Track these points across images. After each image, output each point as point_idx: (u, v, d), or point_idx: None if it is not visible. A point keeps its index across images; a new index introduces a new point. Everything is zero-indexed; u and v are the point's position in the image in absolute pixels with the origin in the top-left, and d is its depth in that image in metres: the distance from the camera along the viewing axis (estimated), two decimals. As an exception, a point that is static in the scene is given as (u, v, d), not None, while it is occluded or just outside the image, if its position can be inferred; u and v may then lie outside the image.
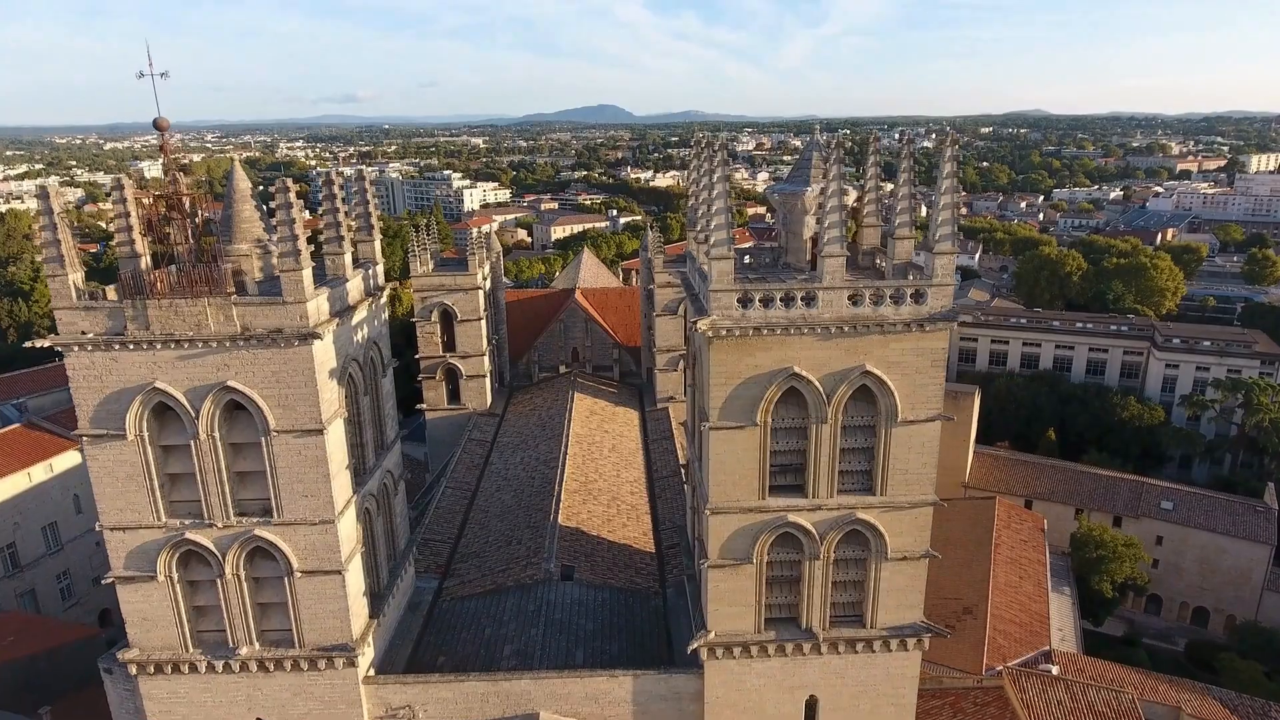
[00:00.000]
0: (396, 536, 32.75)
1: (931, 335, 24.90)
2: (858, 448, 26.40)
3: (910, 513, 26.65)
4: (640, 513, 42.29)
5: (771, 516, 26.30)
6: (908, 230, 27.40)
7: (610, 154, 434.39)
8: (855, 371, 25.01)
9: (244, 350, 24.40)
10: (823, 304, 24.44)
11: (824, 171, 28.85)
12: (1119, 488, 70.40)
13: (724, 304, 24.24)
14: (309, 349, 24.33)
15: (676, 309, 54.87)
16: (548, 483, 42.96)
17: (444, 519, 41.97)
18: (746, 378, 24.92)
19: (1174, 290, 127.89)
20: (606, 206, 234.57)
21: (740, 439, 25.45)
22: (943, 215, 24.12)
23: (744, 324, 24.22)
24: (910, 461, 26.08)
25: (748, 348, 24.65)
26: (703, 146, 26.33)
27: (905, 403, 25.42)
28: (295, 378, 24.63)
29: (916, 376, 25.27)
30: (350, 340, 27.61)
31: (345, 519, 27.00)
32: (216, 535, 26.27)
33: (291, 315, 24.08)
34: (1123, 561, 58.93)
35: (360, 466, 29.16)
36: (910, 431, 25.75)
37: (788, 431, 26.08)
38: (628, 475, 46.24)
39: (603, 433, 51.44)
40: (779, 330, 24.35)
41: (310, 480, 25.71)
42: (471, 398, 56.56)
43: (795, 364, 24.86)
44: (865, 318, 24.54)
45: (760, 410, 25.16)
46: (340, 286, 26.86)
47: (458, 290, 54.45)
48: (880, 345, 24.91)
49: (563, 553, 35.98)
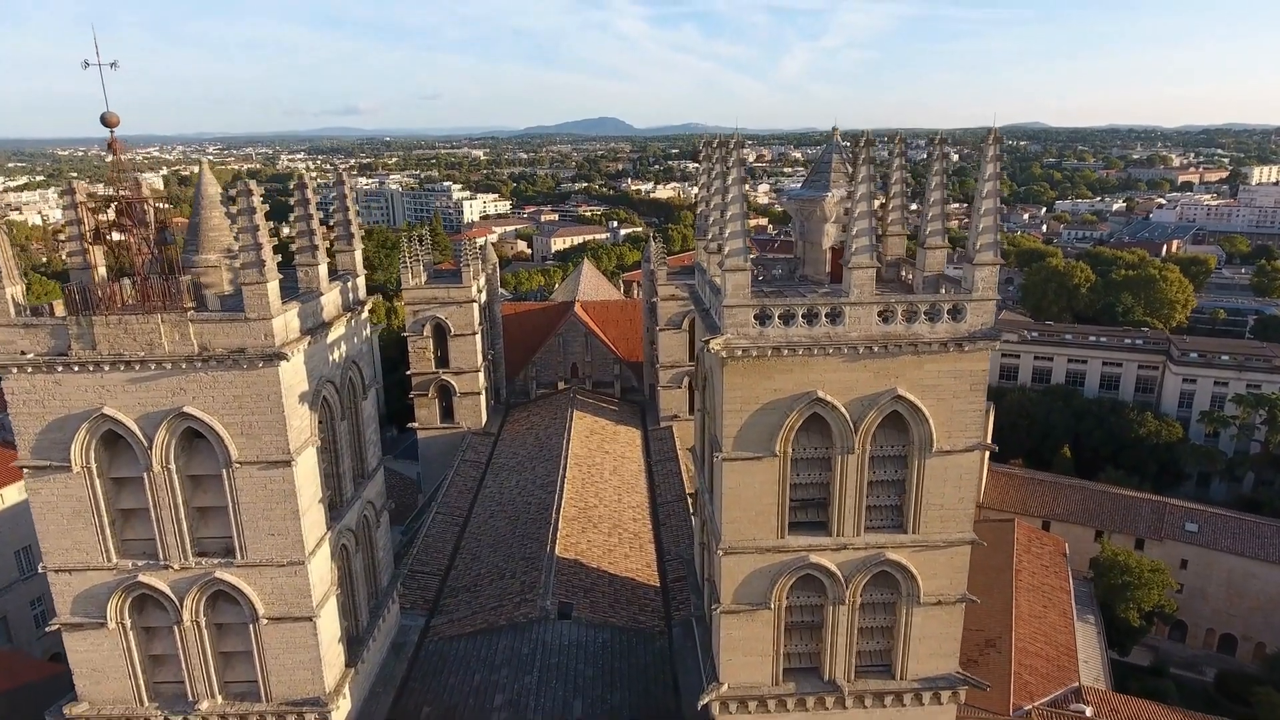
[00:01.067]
0: (379, 573, 30.03)
1: (971, 356, 22.31)
2: (887, 480, 23.75)
3: (945, 552, 23.97)
4: (643, 541, 39.58)
5: (791, 557, 23.62)
6: (939, 239, 24.96)
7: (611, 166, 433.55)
8: (886, 396, 22.42)
9: (202, 372, 21.81)
10: (850, 321, 21.87)
11: (847, 174, 26.53)
12: (1140, 508, 67.62)
13: (739, 321, 21.67)
14: (275, 371, 21.75)
15: (680, 323, 52.38)
16: (545, 509, 40.29)
17: (433, 549, 39.24)
18: (764, 403, 22.31)
19: (1184, 302, 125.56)
20: (607, 218, 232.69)
21: (757, 471, 22.82)
22: (984, 222, 21.59)
23: (762, 343, 21.65)
24: (946, 495, 23.43)
25: (766, 370, 22.06)
26: (714, 148, 23.91)
27: (941, 431, 22.80)
28: (260, 403, 22.03)
29: (954, 401, 22.66)
30: (325, 360, 25.02)
31: (318, 559, 24.31)
32: (173, 578, 23.59)
33: (255, 333, 21.50)
34: (1150, 589, 56.08)
35: (337, 498, 26.50)
36: (946, 463, 23.12)
37: (810, 462, 23.44)
38: (630, 500, 43.55)
39: (603, 454, 48.78)
40: (801, 350, 21.77)
41: (277, 517, 23.05)
42: (465, 416, 53.95)
43: (819, 388, 22.26)
44: (897, 336, 21.97)
45: (779, 439, 22.53)
46: (313, 301, 24.29)
47: (451, 303, 51.96)
48: (914, 367, 22.32)
49: (560, 587, 33.26)
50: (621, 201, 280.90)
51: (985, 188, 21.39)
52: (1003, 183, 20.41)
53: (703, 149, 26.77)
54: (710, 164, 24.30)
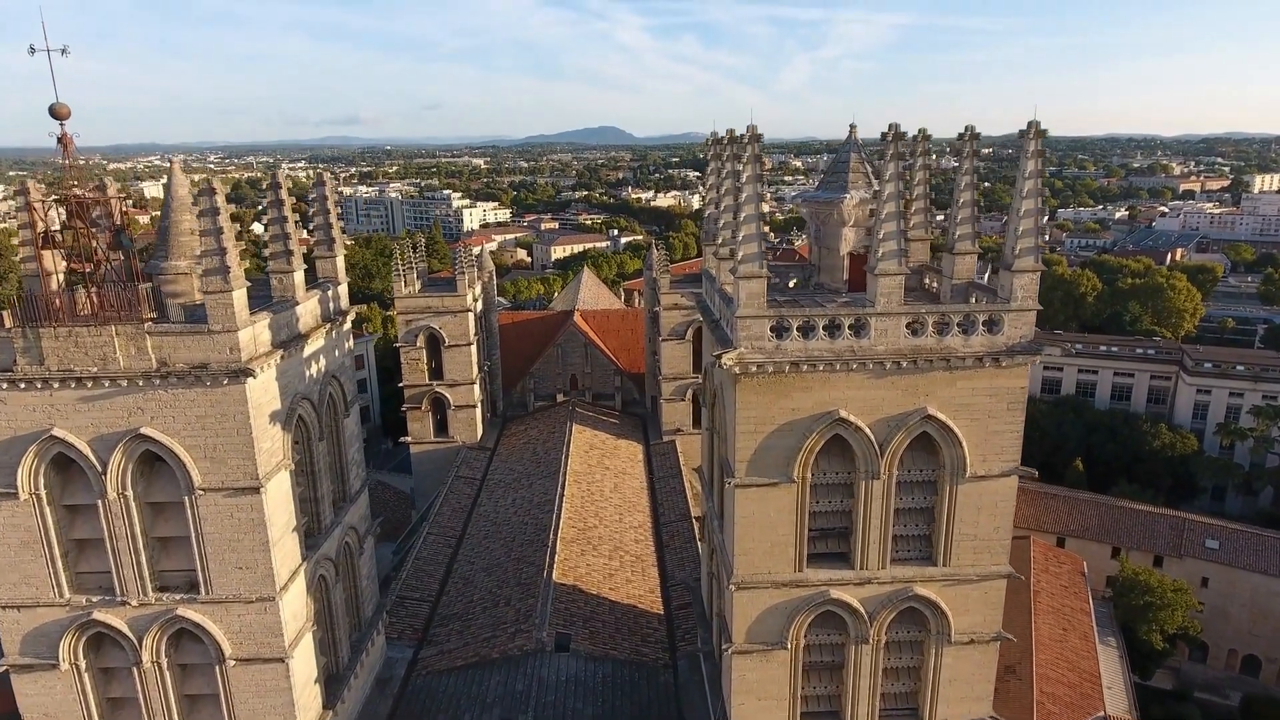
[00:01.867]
0: (362, 603, 27.91)
1: (1009, 372, 20.28)
2: (915, 508, 21.68)
3: (979, 587, 21.87)
4: (646, 565, 37.43)
5: (811, 592, 21.52)
6: (969, 244, 22.94)
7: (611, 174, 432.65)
8: (915, 416, 20.36)
9: (161, 390, 19.78)
10: (876, 333, 19.85)
11: (866, 175, 24.62)
12: (1159, 524, 65.35)
13: (754, 333, 19.66)
14: (241, 388, 19.72)
15: (684, 333, 50.35)
16: (542, 530, 38.16)
17: (423, 572, 37.08)
18: (781, 424, 20.26)
19: (1192, 311, 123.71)
20: (607, 226, 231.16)
21: (773, 498, 20.74)
22: (1023, 225, 19.61)
23: (779, 358, 19.63)
24: (980, 525, 21.35)
25: (783, 387, 20.03)
26: (727, 142, 21.95)
27: (975, 454, 20.74)
28: (225, 424, 20.00)
29: (989, 422, 20.62)
30: (301, 375, 22.99)
31: (291, 593, 22.21)
32: (131, 615, 21.51)
33: (219, 347, 19.49)
34: (1173, 610, 53.80)
35: (314, 525, 24.42)
36: (980, 489, 21.05)
37: (831, 488, 21.36)
38: (631, 520, 41.42)
39: (603, 470, 46.67)
40: (822, 366, 19.74)
41: (245, 548, 20.98)
42: (460, 430, 51.85)
43: (841, 407, 20.22)
44: (928, 350, 19.94)
45: (798, 464, 20.47)
46: (287, 311, 22.28)
47: (445, 312, 49.94)
48: (945, 384, 20.29)
49: (557, 616, 31.10)
50: (622, 210, 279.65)
51: (1025, 186, 19.40)
52: (1001, 190, 18.61)
53: (711, 146, 24.82)
54: (720, 161, 22.34)
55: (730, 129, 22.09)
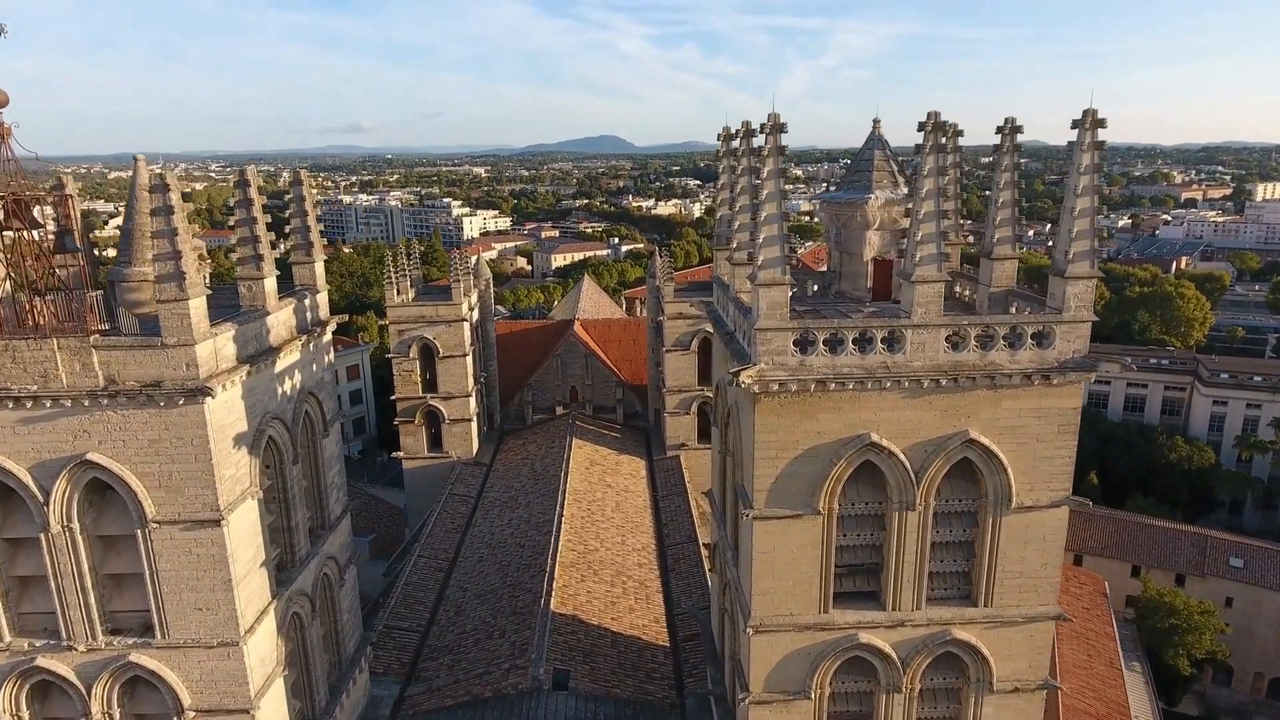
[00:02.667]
0: (343, 639, 25.65)
1: (1060, 390, 18.14)
2: (954, 542, 19.49)
3: (1023, 630, 19.66)
4: (650, 591, 35.15)
5: (837, 636, 19.30)
6: (1009, 247, 20.88)
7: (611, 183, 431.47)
8: (955, 440, 18.20)
9: (110, 411, 17.64)
10: (912, 347, 17.71)
11: (891, 174, 22.53)
12: (1180, 541, 63.03)
13: (776, 347, 17.51)
14: (199, 409, 17.57)
15: (689, 343, 48.20)
16: (539, 552, 35.92)
17: (413, 599, 34.79)
18: (805, 449, 18.10)
19: (1202, 320, 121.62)
20: (608, 234, 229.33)
21: (795, 532, 18.56)
22: (1078, 226, 17.49)
23: (803, 375, 17.47)
24: (1026, 561, 19.15)
25: (807, 408, 17.87)
26: (742, 136, 19.88)
27: (1021, 482, 18.58)
28: (181, 448, 17.84)
29: (1037, 446, 18.47)
30: (272, 393, 20.83)
31: (259, 636, 19.99)
32: (79, 661, 19.28)
33: (174, 362, 17.35)
34: (1201, 632, 51.45)
35: (287, 557, 22.20)
36: (1027, 521, 18.88)
37: (859, 520, 19.18)
38: (634, 541, 39.17)
39: (605, 487, 44.44)
40: (851, 384, 17.59)
41: (205, 587, 18.77)
42: (455, 445, 49.64)
43: (873, 430, 18.06)
44: (970, 366, 17.79)
45: (823, 493, 18.30)
46: (256, 321, 20.13)
47: (440, 322, 47.82)
48: (989, 404, 18.14)
49: (555, 650, 28.82)
50: (623, 218, 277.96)
51: (1079, 183, 17.30)
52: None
53: (724, 141, 22.73)
54: (735, 157, 20.24)
55: (745, 121, 20.03)
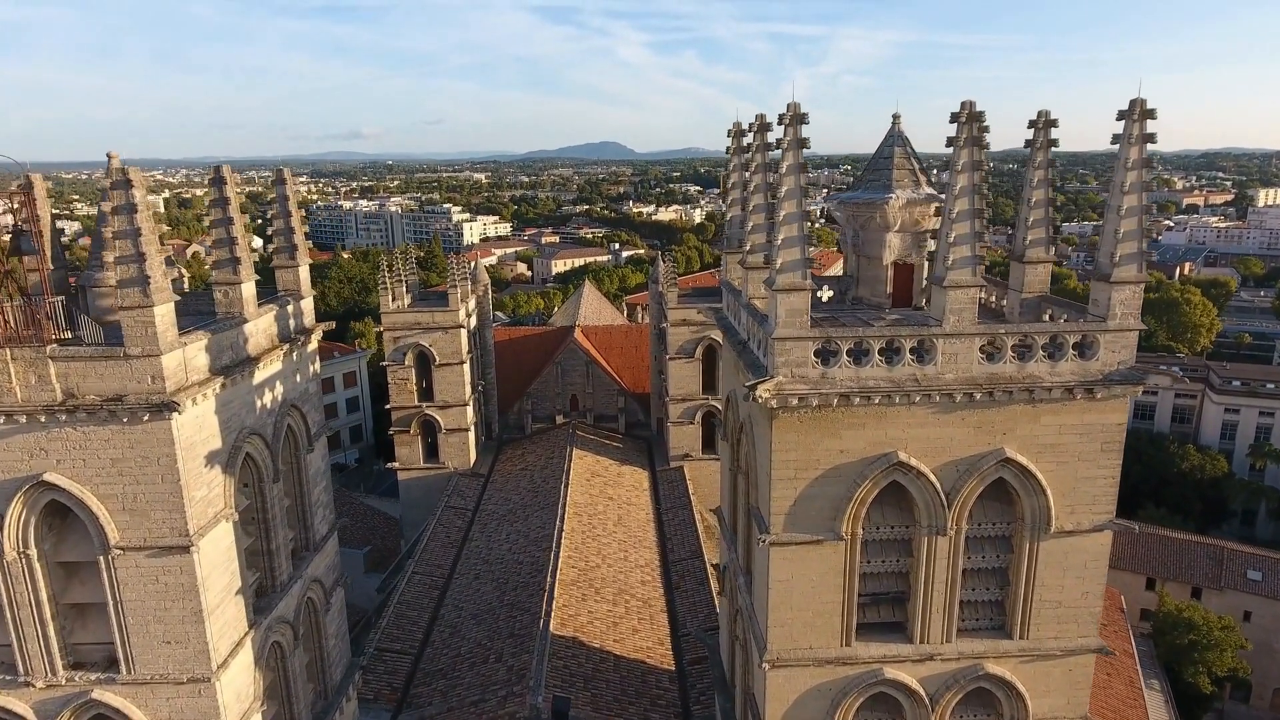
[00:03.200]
0: (328, 667, 24.10)
1: (1104, 405, 16.67)
2: (987, 569, 18.00)
3: (1062, 663, 18.15)
4: (655, 610, 33.62)
5: (861, 671, 17.78)
6: (1043, 250, 19.45)
7: (612, 189, 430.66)
8: (989, 459, 16.73)
9: (69, 428, 16.16)
10: (943, 358, 16.25)
11: (912, 173, 21.12)
12: (1195, 553, 61.44)
13: (795, 358, 16.05)
14: (166, 425, 16.09)
15: (693, 351, 46.76)
16: (538, 569, 34.42)
17: (405, 620, 33.26)
18: (827, 469, 16.63)
19: (1209, 326, 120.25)
20: (608, 240, 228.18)
21: (815, 559, 17.06)
22: (1125, 226, 16.05)
23: (825, 388, 16.01)
24: (1066, 589, 17.66)
25: (830, 424, 16.40)
26: (758, 129, 18.46)
27: (1061, 504, 17.10)
28: (146, 468, 16.36)
29: (1079, 466, 16.99)
30: (250, 406, 19.36)
31: (234, 669, 18.47)
32: (38, 698, 17.76)
33: (137, 374, 15.89)
34: (1221, 649, 49.81)
35: (267, 582, 20.68)
36: (1067, 547, 17.40)
37: (885, 546, 17.69)
38: (637, 557, 37.64)
39: (606, 500, 42.93)
40: (878, 398, 16.12)
41: (174, 619, 17.27)
42: (452, 455, 48.15)
43: (900, 448, 16.59)
44: (1007, 379, 16.32)
45: (847, 517, 16.81)
46: (231, 330, 18.67)
47: (436, 329, 46.39)
48: (1027, 420, 16.67)
49: (555, 676, 27.29)
50: (623, 224, 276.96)
51: (1127, 179, 15.85)
52: (1004, 204, 15.41)
53: (735, 136, 21.30)
54: (751, 152, 18.81)
55: (760, 114, 18.61)
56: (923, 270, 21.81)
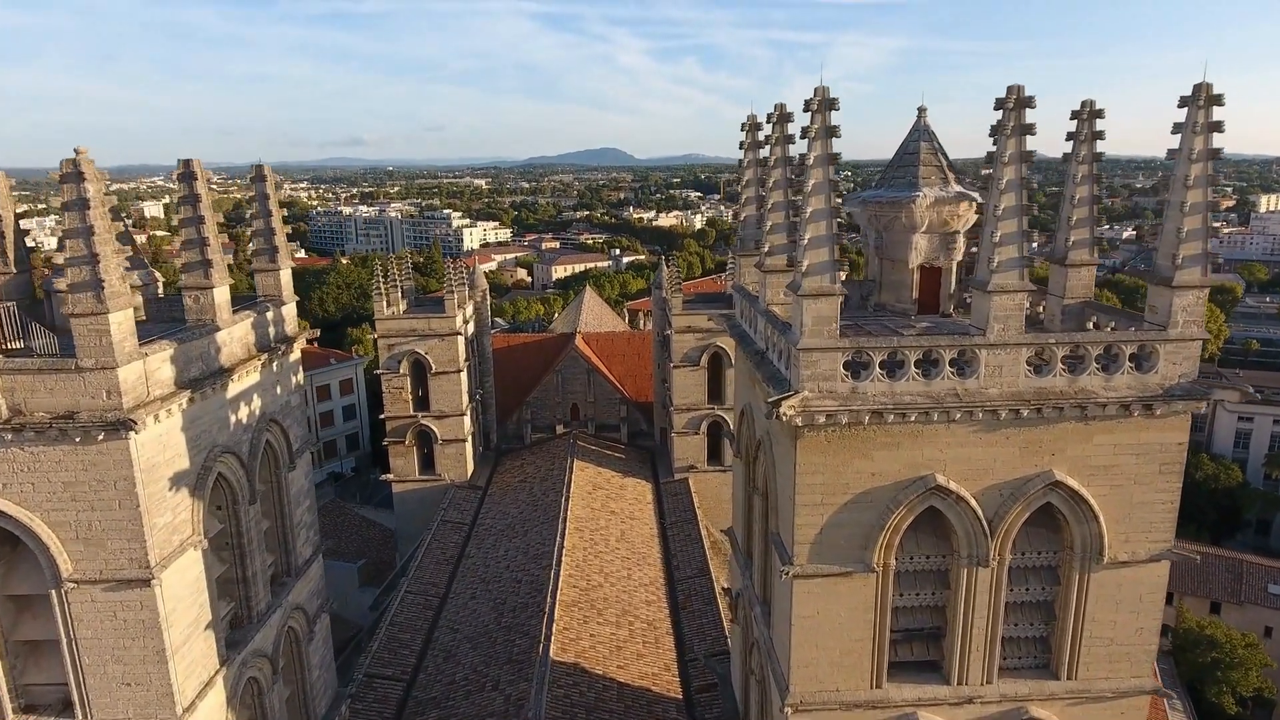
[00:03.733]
0: (312, 700, 22.42)
1: (1163, 423, 15.08)
2: (1031, 602, 16.38)
3: (1113, 706, 16.51)
4: (660, 633, 31.94)
5: (892, 716, 16.14)
6: (1086, 252, 17.88)
7: (612, 194, 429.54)
8: (1037, 483, 15.13)
9: (15, 448, 14.57)
10: (987, 370, 14.67)
11: (939, 169, 19.58)
12: (1214, 567, 59.71)
13: (823, 371, 14.46)
14: (123, 445, 14.51)
15: (698, 359, 45.16)
16: (538, 589, 32.76)
17: (397, 643, 31.58)
18: (857, 493, 15.03)
19: (1216, 333, 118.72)
20: (609, 245, 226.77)
21: (844, 593, 15.45)
22: (1188, 225, 14.48)
23: (856, 405, 14.42)
24: (1118, 625, 16.04)
25: (860, 444, 14.81)
26: (777, 119, 16.89)
27: (1114, 532, 15.50)
28: (101, 493, 14.76)
29: (1134, 489, 15.41)
30: (222, 422, 17.77)
31: (203, 711, 16.83)
32: (-15, 745, 16.13)
33: (91, 389, 14.30)
34: (1246, 668, 48.08)
35: (242, 612, 19.05)
36: (1120, 578, 15.80)
37: (919, 577, 16.08)
38: (641, 575, 35.97)
39: (609, 513, 41.27)
40: (914, 415, 14.52)
41: (134, 659, 15.64)
42: (449, 467, 46.50)
43: (938, 470, 15.00)
44: (1057, 394, 14.74)
45: (878, 546, 15.21)
46: (202, 338, 17.09)
47: (432, 335, 44.79)
48: (1078, 440, 15.07)
49: (555, 707, 25.60)
50: (624, 229, 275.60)
51: (1190, 172, 14.29)
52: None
53: (749, 130, 19.76)
54: (768, 147, 17.26)
55: (779, 104, 17.06)
56: (951, 274, 20.32)
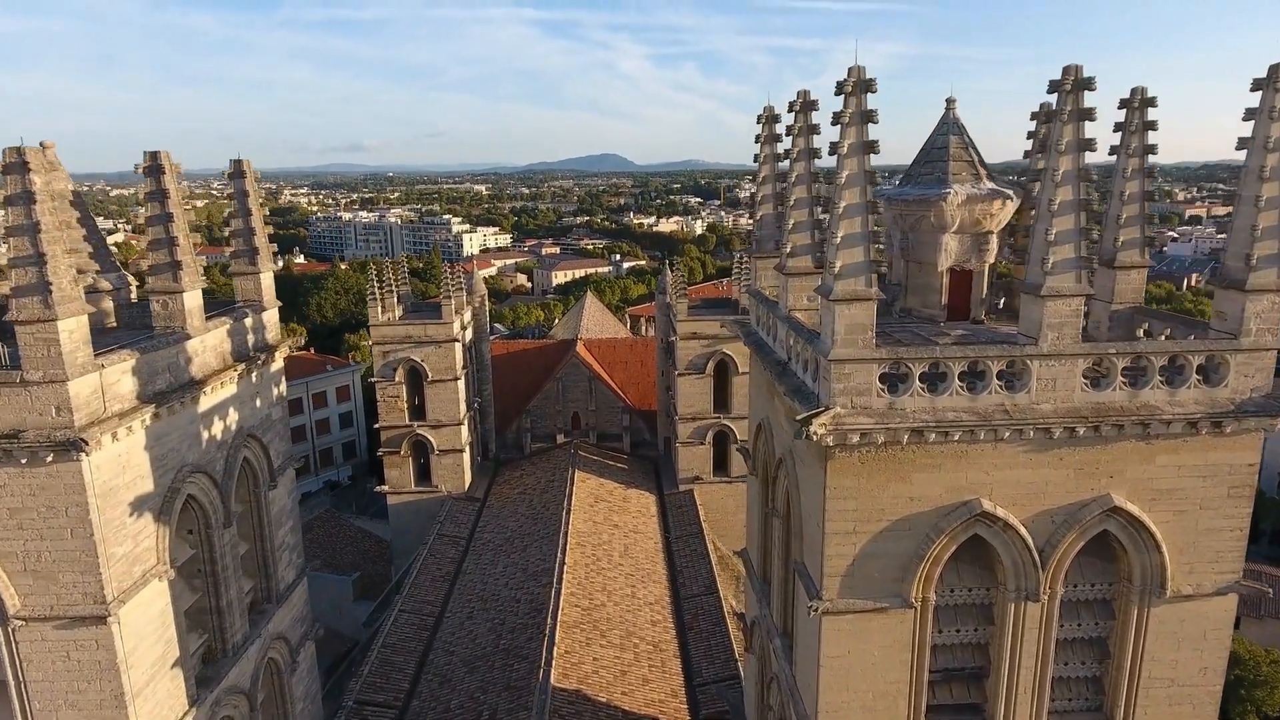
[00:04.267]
0: (294, 735, 20.86)
1: (1232, 442, 13.57)
2: (1083, 639, 14.84)
3: (1174, 753, 14.95)
4: (666, 656, 30.34)
5: (931, 766, 14.59)
6: (1138, 254, 16.42)
7: (613, 200, 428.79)
8: (1093, 508, 13.62)
9: (-46, 471, 13.09)
10: (1039, 384, 13.16)
11: (970, 165, 18.15)
12: (1233, 580, 58.12)
13: (857, 384, 12.95)
14: (75, 467, 13.01)
15: (704, 366, 43.64)
16: (538, 608, 31.20)
17: (390, 666, 29.99)
18: (894, 520, 13.51)
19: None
20: (609, 251, 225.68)
21: (878, 631, 13.91)
22: (1264, 221, 12.99)
23: (894, 422, 12.91)
24: (1180, 665, 14.50)
25: (898, 466, 13.29)
26: (800, 109, 15.41)
27: (1178, 562, 13.97)
28: (51, 521, 13.26)
29: (1200, 515, 13.87)
30: (194, 439, 16.27)
31: (168, 758, 15.29)
32: (-75, 797, 14.58)
33: (38, 405, 12.81)
34: (1272, 687, 46.39)
35: (216, 645, 17.52)
36: (1183, 613, 14.25)
37: (959, 611, 14.55)
38: (645, 593, 34.39)
39: (611, 527, 39.71)
40: (958, 434, 13.02)
41: (91, 703, 14.10)
42: (445, 478, 44.94)
43: (984, 494, 13.49)
44: (1118, 410, 13.23)
45: (917, 580, 13.68)
46: (170, 348, 15.60)
47: (429, 342, 43.29)
48: (1139, 460, 13.56)
49: (556, 738, 24.04)
50: (624, 235, 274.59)
51: (1266, 163, 12.78)
52: None
53: (766, 121, 18.29)
54: (792, 135, 15.77)
55: (802, 90, 15.59)
56: (983, 278, 18.86)
